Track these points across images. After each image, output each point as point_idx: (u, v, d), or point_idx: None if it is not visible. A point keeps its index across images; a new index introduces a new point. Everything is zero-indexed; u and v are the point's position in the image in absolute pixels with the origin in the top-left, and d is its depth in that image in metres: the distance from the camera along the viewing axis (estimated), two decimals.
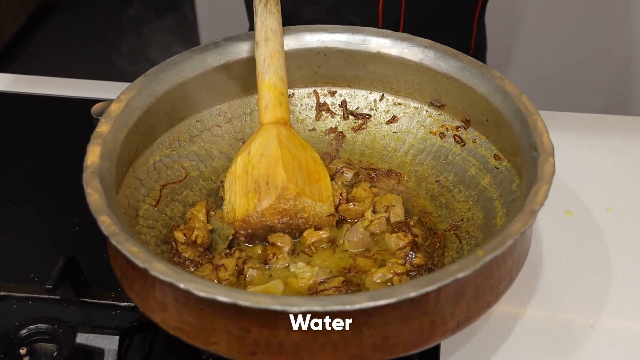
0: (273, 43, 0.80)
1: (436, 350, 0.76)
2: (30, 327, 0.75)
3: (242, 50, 0.84)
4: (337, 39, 0.85)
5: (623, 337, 0.78)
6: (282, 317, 0.58)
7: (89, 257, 0.82)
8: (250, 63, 0.84)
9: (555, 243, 0.87)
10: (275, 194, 0.76)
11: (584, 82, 2.19)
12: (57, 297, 0.79)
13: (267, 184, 0.76)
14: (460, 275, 0.58)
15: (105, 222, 0.62)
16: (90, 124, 1.03)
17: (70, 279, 0.77)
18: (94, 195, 0.65)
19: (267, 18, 0.80)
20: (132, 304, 0.79)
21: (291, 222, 0.76)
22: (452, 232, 0.78)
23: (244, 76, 0.85)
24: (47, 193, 0.96)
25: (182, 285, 0.57)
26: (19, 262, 0.86)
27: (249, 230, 0.76)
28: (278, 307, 0.56)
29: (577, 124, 1.04)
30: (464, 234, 0.77)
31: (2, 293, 0.80)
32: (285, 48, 0.84)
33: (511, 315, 0.80)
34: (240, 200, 0.77)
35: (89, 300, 0.79)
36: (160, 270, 0.59)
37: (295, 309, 0.56)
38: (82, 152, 1.00)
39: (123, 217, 0.67)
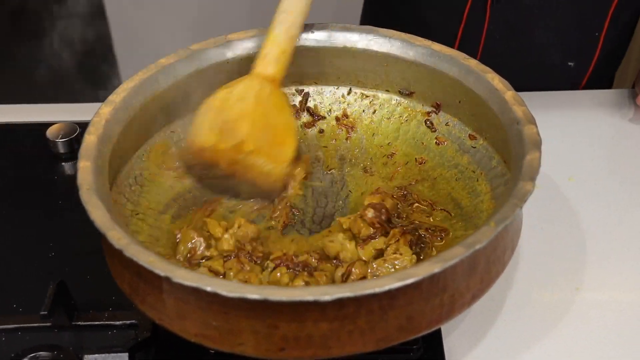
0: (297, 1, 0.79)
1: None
2: (31, 355, 0.72)
3: (211, 56, 0.83)
4: (302, 37, 0.85)
5: (608, 295, 0.81)
6: (310, 309, 0.59)
7: (70, 281, 0.79)
8: (219, 68, 0.84)
9: (526, 213, 0.90)
10: (233, 143, 0.77)
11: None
12: (48, 324, 0.76)
13: (231, 129, 0.78)
14: (478, 247, 0.60)
15: (115, 237, 0.61)
16: (46, 147, 1.01)
17: (62, 304, 0.75)
18: (97, 212, 0.63)
19: None
20: (128, 322, 0.77)
21: (237, 170, 0.79)
22: (442, 211, 0.79)
23: (214, 83, 0.85)
24: (11, 222, 0.93)
25: (208, 289, 0.57)
26: None
27: (198, 160, 0.79)
28: (310, 298, 0.56)
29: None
30: (454, 212, 0.79)
31: None
32: (252, 51, 0.84)
33: (499, 288, 0.82)
34: (206, 131, 0.78)
35: (82, 324, 0.77)
36: (183, 276, 0.58)
37: (327, 298, 0.56)
38: (40, 175, 0.98)
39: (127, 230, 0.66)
